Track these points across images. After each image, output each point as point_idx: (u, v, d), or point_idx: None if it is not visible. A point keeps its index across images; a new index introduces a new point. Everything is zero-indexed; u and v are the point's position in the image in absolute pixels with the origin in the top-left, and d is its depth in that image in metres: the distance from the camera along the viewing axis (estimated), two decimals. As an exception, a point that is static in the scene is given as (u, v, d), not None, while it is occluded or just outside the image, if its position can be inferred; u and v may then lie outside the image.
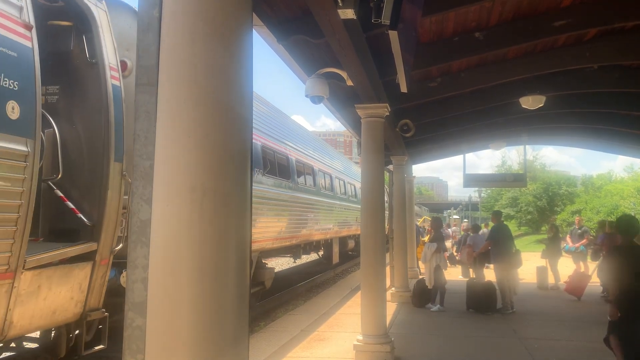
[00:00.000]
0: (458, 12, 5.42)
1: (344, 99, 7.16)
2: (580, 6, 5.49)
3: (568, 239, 14.13)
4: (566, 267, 13.34)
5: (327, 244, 16.50)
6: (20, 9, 3.99)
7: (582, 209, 38.03)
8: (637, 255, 5.06)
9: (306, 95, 5.88)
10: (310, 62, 5.88)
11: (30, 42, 4.02)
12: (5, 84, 3.75)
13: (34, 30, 4.09)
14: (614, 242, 11.51)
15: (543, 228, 43.06)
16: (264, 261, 11.04)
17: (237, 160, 1.95)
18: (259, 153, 9.87)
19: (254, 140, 9.52)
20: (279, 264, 18.94)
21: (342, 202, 17.33)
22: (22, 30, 3.96)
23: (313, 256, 19.19)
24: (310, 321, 8.52)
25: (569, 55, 6.68)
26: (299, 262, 18.97)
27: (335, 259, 16.54)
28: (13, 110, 3.80)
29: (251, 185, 2.09)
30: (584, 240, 13.36)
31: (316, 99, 5.91)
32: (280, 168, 11.17)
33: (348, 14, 3.61)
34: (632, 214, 26.98)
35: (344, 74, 5.65)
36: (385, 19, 3.14)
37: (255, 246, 9.48)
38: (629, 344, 4.92)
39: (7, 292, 3.86)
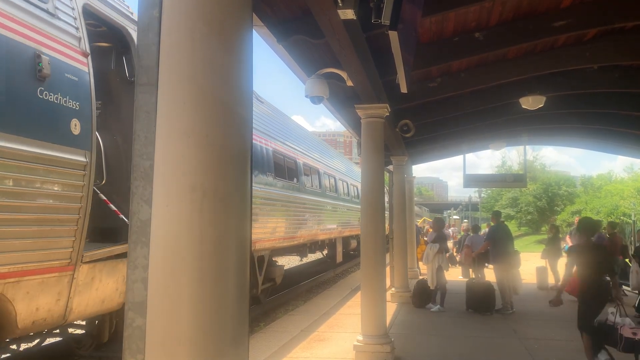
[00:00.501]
0: (458, 12, 5.42)
1: (344, 99, 7.16)
2: (580, 6, 5.49)
3: (568, 239, 14.13)
4: (566, 267, 13.32)
5: (331, 244, 16.70)
6: (80, 39, 4.60)
7: (582, 209, 38.12)
8: (597, 253, 5.69)
9: (306, 96, 5.88)
10: (310, 62, 5.87)
11: (87, 67, 4.62)
12: (70, 104, 4.37)
13: (89, 57, 4.67)
14: (614, 243, 11.57)
15: (543, 228, 43.13)
16: (274, 259, 11.25)
17: (237, 160, 1.95)
18: (271, 157, 10.25)
19: (266, 146, 9.98)
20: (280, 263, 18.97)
21: (345, 203, 17.60)
22: (81, 57, 4.58)
23: (314, 256, 19.29)
24: (311, 321, 8.52)
25: (569, 55, 6.68)
26: (299, 262, 19.03)
27: (339, 258, 16.84)
28: (75, 126, 4.40)
29: (251, 185, 2.08)
30: (584, 241, 13.34)
31: (316, 99, 5.91)
32: (289, 171, 11.58)
33: (348, 14, 3.61)
34: (632, 214, 26.98)
35: (344, 74, 5.64)
36: (385, 19, 3.13)
37: (266, 245, 9.77)
38: (595, 332, 5.44)
39: (68, 282, 4.46)
